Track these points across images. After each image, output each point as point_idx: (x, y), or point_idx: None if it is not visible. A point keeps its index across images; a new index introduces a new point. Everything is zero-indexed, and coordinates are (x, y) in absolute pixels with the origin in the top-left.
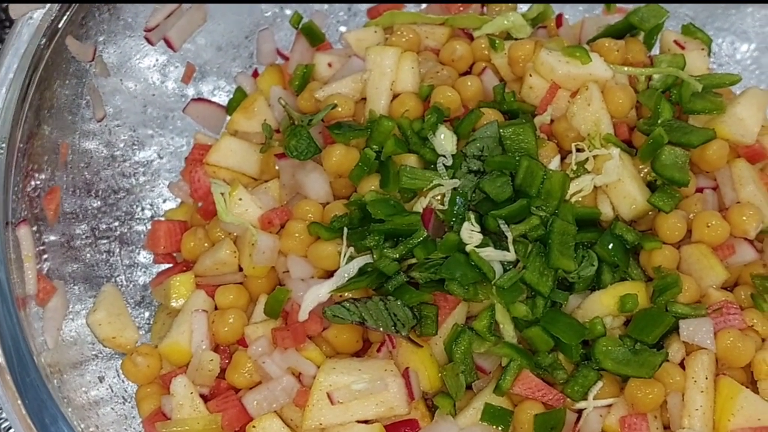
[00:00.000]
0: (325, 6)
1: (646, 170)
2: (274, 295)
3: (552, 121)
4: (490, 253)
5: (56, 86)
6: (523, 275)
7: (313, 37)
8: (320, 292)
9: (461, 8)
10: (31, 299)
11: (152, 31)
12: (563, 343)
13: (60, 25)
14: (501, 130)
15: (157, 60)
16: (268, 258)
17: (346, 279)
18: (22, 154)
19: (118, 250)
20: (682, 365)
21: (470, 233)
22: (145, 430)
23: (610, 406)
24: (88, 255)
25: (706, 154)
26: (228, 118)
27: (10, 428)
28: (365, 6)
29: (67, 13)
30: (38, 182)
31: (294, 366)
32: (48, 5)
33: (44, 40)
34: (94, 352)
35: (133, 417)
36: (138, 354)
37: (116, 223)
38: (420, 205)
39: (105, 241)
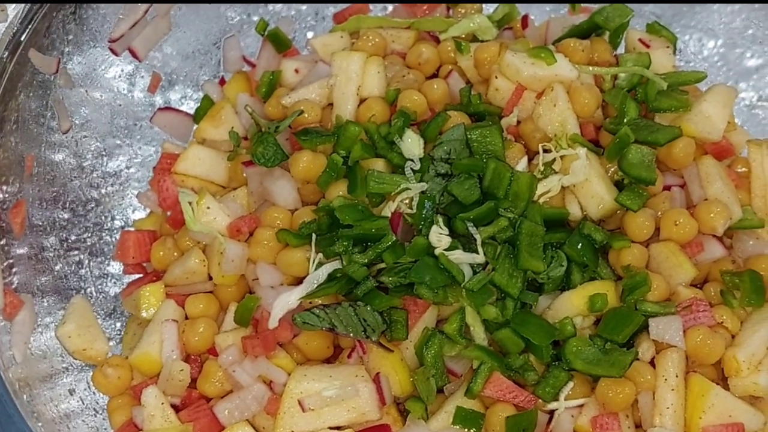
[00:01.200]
0: (292, 12)
1: (613, 169)
2: (243, 303)
3: (518, 122)
4: (459, 256)
5: (21, 98)
6: (493, 277)
7: (279, 44)
8: (290, 299)
9: (427, 11)
10: None
11: (117, 42)
12: (534, 344)
13: (23, 38)
14: (468, 133)
15: (123, 70)
16: (237, 266)
17: (316, 285)
18: None
19: (87, 261)
20: (652, 364)
21: (439, 236)
22: None
23: (581, 406)
24: (58, 267)
25: (672, 152)
26: (195, 126)
27: None
28: (333, 10)
29: (30, 24)
30: (6, 195)
31: (265, 374)
32: (9, 18)
33: (6, 54)
34: (64, 365)
35: (105, 429)
36: (108, 365)
37: (86, 235)
38: (388, 209)
39: (75, 252)
